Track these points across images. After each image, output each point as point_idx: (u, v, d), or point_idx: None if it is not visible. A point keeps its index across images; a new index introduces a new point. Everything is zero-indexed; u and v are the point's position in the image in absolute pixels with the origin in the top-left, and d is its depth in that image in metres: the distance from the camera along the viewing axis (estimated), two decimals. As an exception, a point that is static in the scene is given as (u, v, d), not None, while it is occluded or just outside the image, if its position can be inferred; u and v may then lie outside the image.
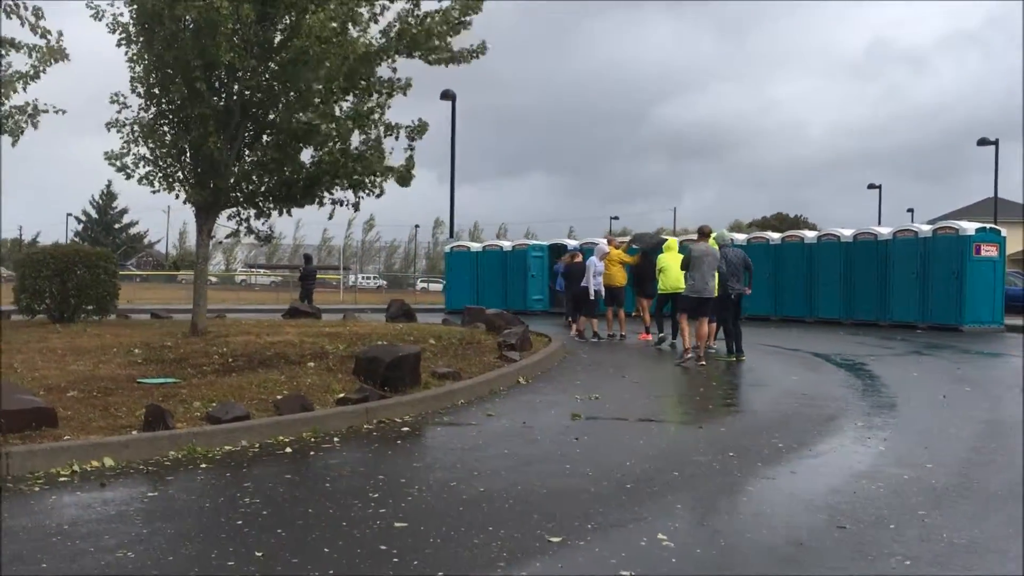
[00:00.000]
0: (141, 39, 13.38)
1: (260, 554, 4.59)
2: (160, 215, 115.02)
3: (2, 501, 5.58)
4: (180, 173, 13.82)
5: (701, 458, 6.87)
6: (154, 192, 13.59)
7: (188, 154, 13.70)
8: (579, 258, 17.88)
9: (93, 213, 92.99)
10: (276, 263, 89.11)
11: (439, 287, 77.07)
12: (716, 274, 13.13)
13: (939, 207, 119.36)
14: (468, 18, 13.69)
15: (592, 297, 16.21)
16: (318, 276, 34.40)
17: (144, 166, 13.67)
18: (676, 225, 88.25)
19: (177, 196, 13.78)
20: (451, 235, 31.23)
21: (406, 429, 8.10)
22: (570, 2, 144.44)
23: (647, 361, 13.85)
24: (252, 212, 14.41)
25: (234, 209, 14.32)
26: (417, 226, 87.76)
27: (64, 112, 11.95)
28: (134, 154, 13.64)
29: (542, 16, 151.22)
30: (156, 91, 13.74)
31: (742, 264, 13.60)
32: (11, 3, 10.74)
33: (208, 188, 13.48)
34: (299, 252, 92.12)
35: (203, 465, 6.63)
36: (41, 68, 10.97)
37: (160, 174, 13.71)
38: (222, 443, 7.19)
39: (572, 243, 27.29)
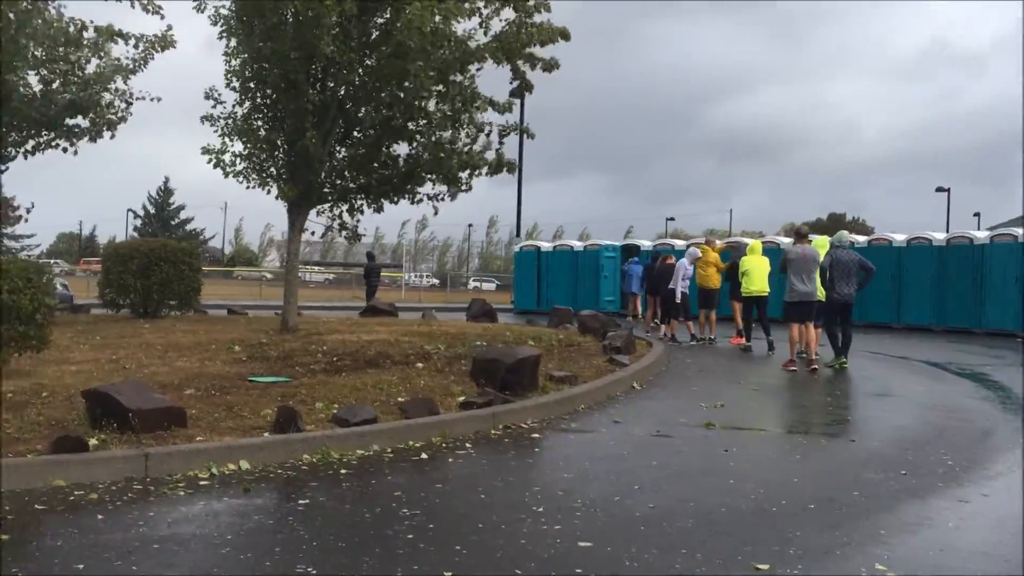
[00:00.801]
0: (240, 32, 13.22)
1: (449, 575, 4.21)
2: (217, 212, 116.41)
3: (150, 505, 5.29)
4: (273, 168, 13.63)
5: (873, 476, 6.36)
6: (248, 188, 13.40)
7: (282, 149, 13.50)
8: (671, 260, 17.36)
9: (151, 208, 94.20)
10: (330, 260, 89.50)
11: (491, 286, 77.12)
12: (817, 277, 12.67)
13: (999, 212, 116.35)
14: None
15: (678, 300, 15.73)
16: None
17: (239, 161, 13.50)
18: (732, 227, 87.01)
19: (269, 191, 13.58)
20: (518, 235, 30.87)
21: (536, 435, 7.70)
22: (622, 2, 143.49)
23: (754, 366, 13.30)
24: (344, 208, 14.17)
25: (326, 205, 14.09)
26: (471, 225, 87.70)
27: (159, 99, 11.76)
28: (229, 150, 13.49)
29: (592, 17, 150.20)
30: (251, 85, 13.59)
31: (856, 267, 12.97)
32: None
33: (301, 183, 13.26)
34: (352, 250, 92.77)
35: (342, 471, 6.28)
36: (149, 55, 10.82)
37: (254, 169, 13.53)
38: (354, 447, 6.85)
39: (646, 244, 26.76)
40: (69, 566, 4.25)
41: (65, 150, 11.03)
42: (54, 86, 10.43)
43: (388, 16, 12.80)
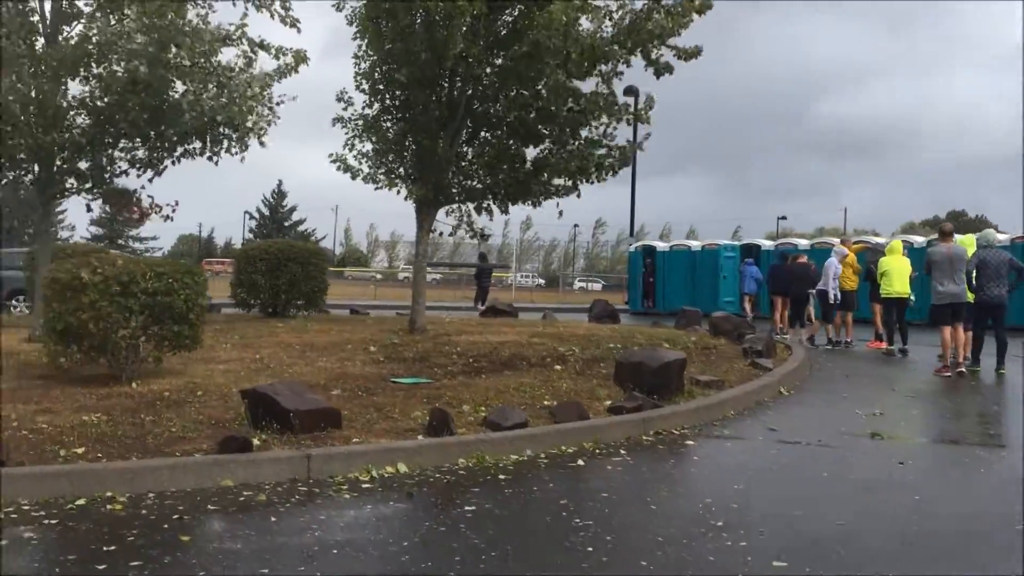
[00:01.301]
0: (370, 34, 13.32)
1: (644, 593, 3.98)
2: (328, 213, 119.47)
3: (319, 508, 5.25)
4: (402, 169, 13.68)
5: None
6: (377, 189, 13.45)
7: (410, 150, 13.53)
8: (803, 259, 16.69)
9: (265, 211, 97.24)
10: (438, 260, 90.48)
11: (598, 287, 76.56)
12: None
13: None
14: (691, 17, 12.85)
15: (832, 301, 15.03)
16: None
17: (367, 163, 13.61)
18: (846, 226, 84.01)
19: (398, 192, 13.61)
20: (631, 234, 30.41)
21: (690, 442, 7.38)
22: (729, 1, 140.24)
23: (903, 371, 12.57)
24: (471, 208, 14.12)
25: (454, 205, 14.06)
26: (576, 226, 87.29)
27: (295, 99, 11.87)
28: (357, 151, 13.61)
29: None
30: (380, 87, 13.68)
31: (1007, 267, 12.13)
32: None
33: (429, 184, 13.26)
34: (458, 251, 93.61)
35: (500, 476, 6.13)
36: (290, 70, 10.98)
37: (382, 170, 13.61)
38: (507, 451, 6.70)
39: (766, 244, 25.93)
40: (254, 570, 4.20)
41: (210, 158, 11.26)
42: (204, 96, 10.60)
43: (518, 13, 12.65)
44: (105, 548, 4.47)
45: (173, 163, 11.18)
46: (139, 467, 5.64)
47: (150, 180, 11.19)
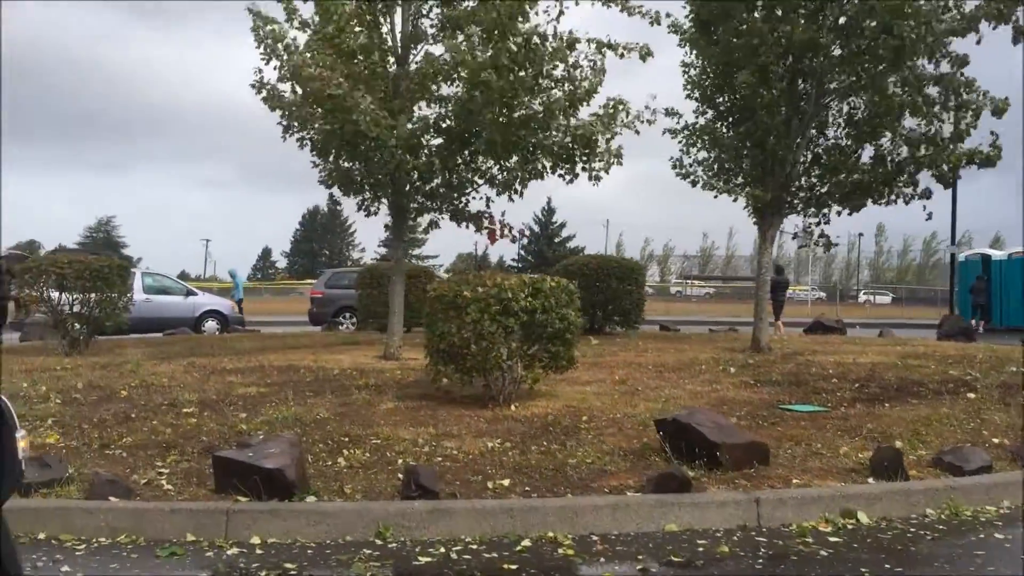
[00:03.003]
0: (700, 40, 12.59)
1: None
2: (599, 228, 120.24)
3: (792, 566, 4.40)
4: (740, 175, 12.75)
5: None
6: (716, 196, 12.61)
7: (749, 153, 12.57)
8: None
9: (535, 227, 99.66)
10: (709, 274, 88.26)
11: (886, 299, 70.78)
12: None
13: None
14: None
15: None
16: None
17: (704, 171, 12.84)
18: None
19: (736, 199, 12.67)
20: (952, 242, 27.27)
21: None
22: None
23: None
24: (816, 214, 12.88)
25: (797, 211, 12.90)
26: (861, 235, 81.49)
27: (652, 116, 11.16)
28: (693, 159, 12.88)
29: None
30: (709, 91, 12.90)
31: None
32: None
33: (773, 188, 12.20)
34: (731, 263, 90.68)
35: (997, 535, 4.98)
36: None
37: (721, 177, 12.75)
38: (981, 501, 5.55)
39: None
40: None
41: (562, 176, 10.93)
42: (556, 110, 10.27)
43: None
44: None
45: (523, 183, 10.92)
46: (578, 505, 5.12)
47: (511, 199, 10.98)
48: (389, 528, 4.92)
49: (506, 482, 5.55)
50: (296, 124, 10.48)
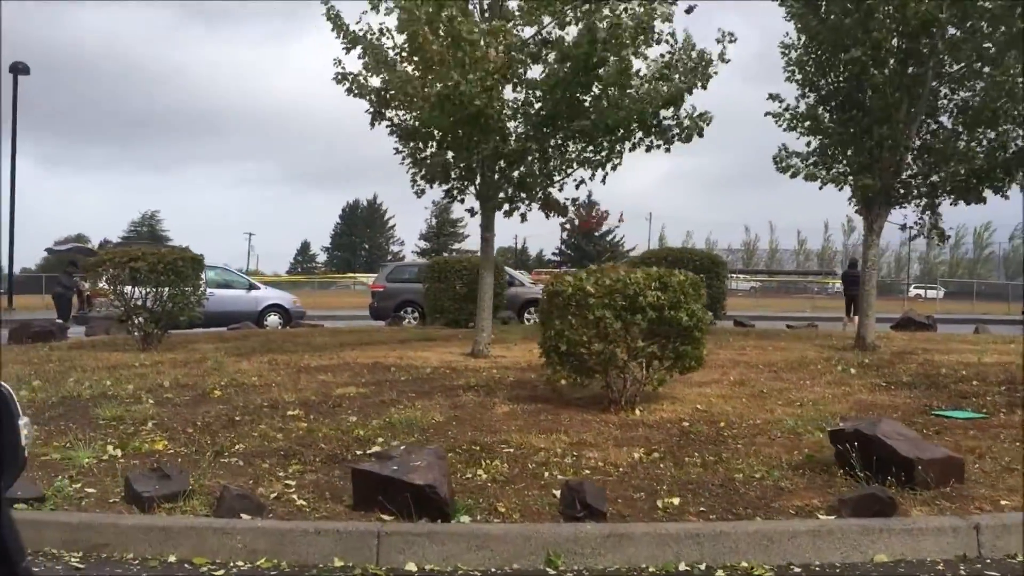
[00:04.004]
0: (804, 17, 11.85)
1: None
2: (639, 222, 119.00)
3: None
4: (844, 163, 11.99)
5: None
6: (821, 187, 11.87)
7: (856, 141, 11.80)
8: None
9: (576, 220, 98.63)
10: (752, 267, 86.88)
11: (938, 294, 69.01)
12: None
13: None
14: None
15: None
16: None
17: (805, 160, 12.10)
18: None
19: (841, 188, 11.94)
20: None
21: None
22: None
23: None
24: (927, 204, 12.09)
25: (907, 203, 12.12)
26: (908, 227, 79.58)
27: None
28: (791, 150, 12.16)
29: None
30: (812, 74, 12.16)
31: None
32: None
33: (882, 177, 11.45)
34: (776, 256, 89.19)
35: None
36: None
37: (823, 166, 12.01)
38: None
39: None
40: None
41: (658, 147, 10.32)
42: (650, 84, 9.65)
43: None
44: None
45: (617, 158, 10.30)
46: (773, 531, 4.49)
47: (603, 180, 10.38)
48: (560, 555, 4.34)
49: (675, 500, 4.94)
50: (392, 107, 9.90)
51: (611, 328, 7.13)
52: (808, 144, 12.21)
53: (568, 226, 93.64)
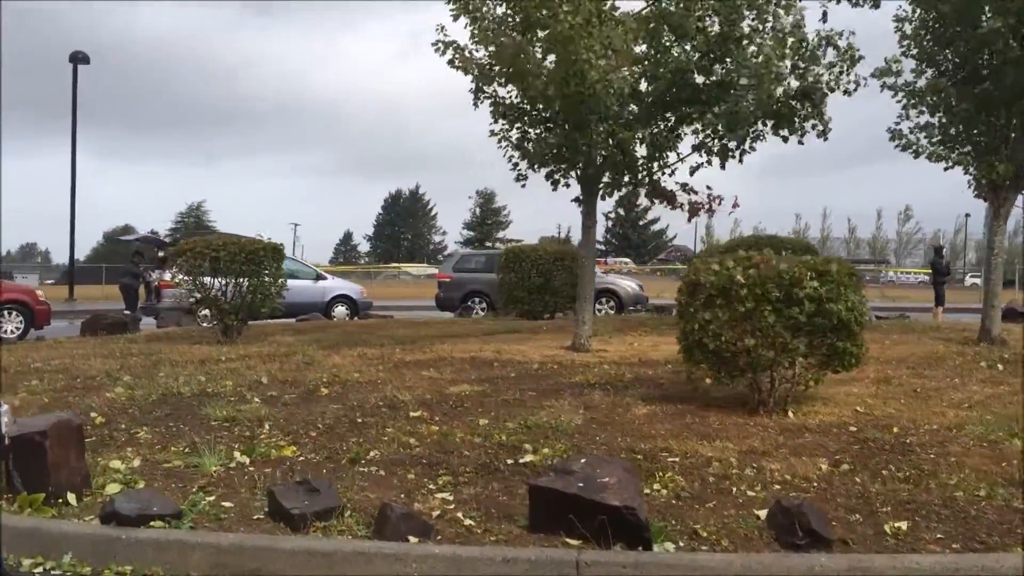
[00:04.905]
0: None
1: None
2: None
3: None
4: (968, 144, 11.15)
5: None
6: (947, 168, 11.04)
7: (982, 119, 10.95)
8: None
9: (620, 211, 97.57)
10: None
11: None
12: None
13: None
14: None
15: None
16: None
17: (925, 138, 11.27)
18: None
19: (966, 171, 11.09)
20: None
21: None
22: None
23: None
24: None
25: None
26: (968, 215, 77.62)
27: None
28: (914, 124, 11.33)
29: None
30: (930, 47, 11.32)
31: None
32: None
33: (1010, 160, 10.59)
34: (826, 244, 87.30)
35: None
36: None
37: (947, 146, 11.17)
38: None
39: None
40: None
41: (784, 138, 9.59)
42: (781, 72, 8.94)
43: None
44: None
45: (740, 148, 9.59)
46: (1042, 564, 3.79)
47: (721, 166, 9.68)
48: (794, 593, 3.70)
49: (902, 525, 4.26)
50: (498, 81, 9.27)
51: (765, 322, 6.45)
52: (925, 123, 11.38)
53: (613, 215, 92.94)
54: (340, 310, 19.20)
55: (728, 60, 9.17)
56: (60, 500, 4.61)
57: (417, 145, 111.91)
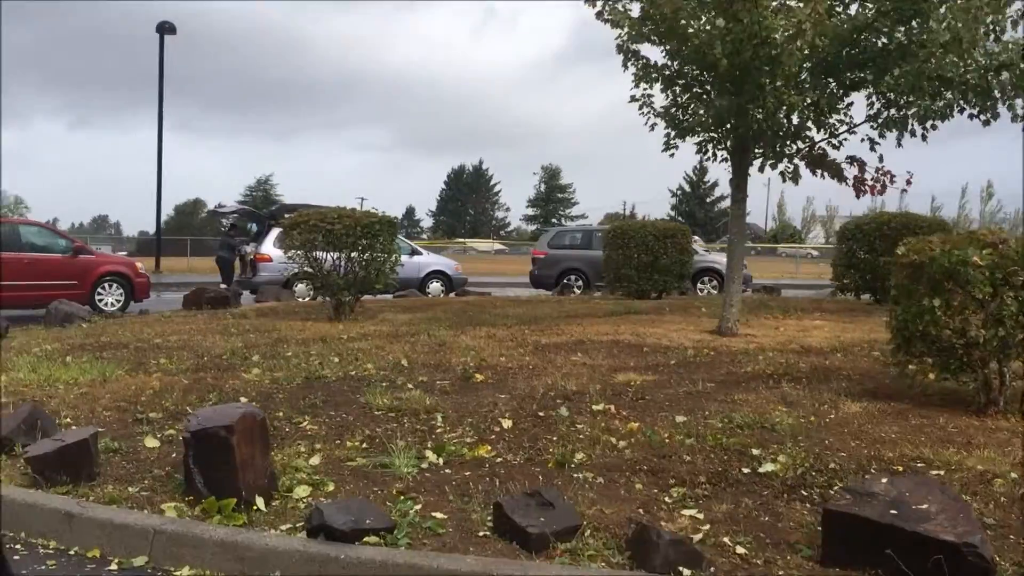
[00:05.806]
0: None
1: None
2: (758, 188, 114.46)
3: None
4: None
5: None
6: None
7: None
8: None
9: (687, 187, 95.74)
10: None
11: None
12: None
13: None
14: None
15: None
16: None
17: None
18: None
19: None
20: None
21: None
22: None
23: None
24: None
25: None
26: (991, 191, 74.27)
27: None
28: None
29: None
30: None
31: None
32: None
33: None
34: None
35: None
36: None
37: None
38: None
39: None
40: None
41: (974, 117, 8.59)
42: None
43: None
44: None
45: (922, 122, 8.62)
46: None
47: (899, 144, 8.74)
48: None
49: None
50: (651, 40, 8.44)
51: (1008, 311, 5.58)
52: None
53: (679, 191, 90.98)
54: (435, 286, 18.64)
55: (915, 23, 8.18)
56: (251, 505, 4.01)
57: (480, 122, 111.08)
